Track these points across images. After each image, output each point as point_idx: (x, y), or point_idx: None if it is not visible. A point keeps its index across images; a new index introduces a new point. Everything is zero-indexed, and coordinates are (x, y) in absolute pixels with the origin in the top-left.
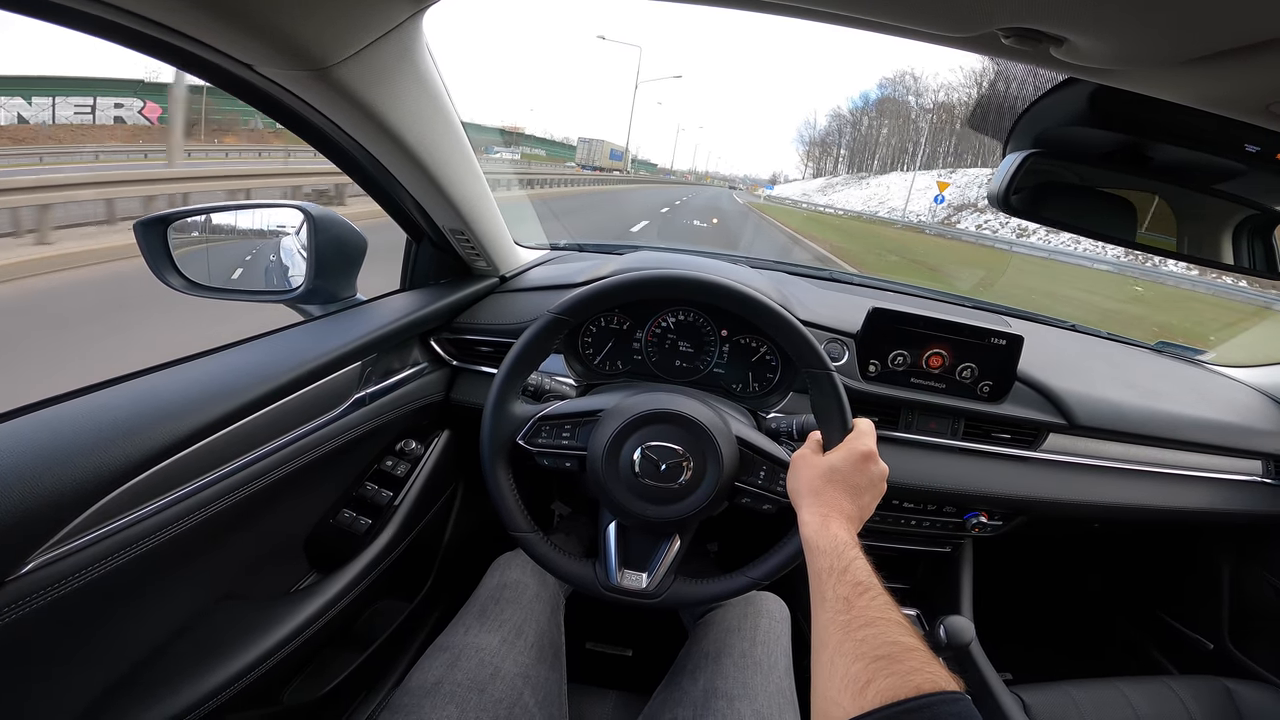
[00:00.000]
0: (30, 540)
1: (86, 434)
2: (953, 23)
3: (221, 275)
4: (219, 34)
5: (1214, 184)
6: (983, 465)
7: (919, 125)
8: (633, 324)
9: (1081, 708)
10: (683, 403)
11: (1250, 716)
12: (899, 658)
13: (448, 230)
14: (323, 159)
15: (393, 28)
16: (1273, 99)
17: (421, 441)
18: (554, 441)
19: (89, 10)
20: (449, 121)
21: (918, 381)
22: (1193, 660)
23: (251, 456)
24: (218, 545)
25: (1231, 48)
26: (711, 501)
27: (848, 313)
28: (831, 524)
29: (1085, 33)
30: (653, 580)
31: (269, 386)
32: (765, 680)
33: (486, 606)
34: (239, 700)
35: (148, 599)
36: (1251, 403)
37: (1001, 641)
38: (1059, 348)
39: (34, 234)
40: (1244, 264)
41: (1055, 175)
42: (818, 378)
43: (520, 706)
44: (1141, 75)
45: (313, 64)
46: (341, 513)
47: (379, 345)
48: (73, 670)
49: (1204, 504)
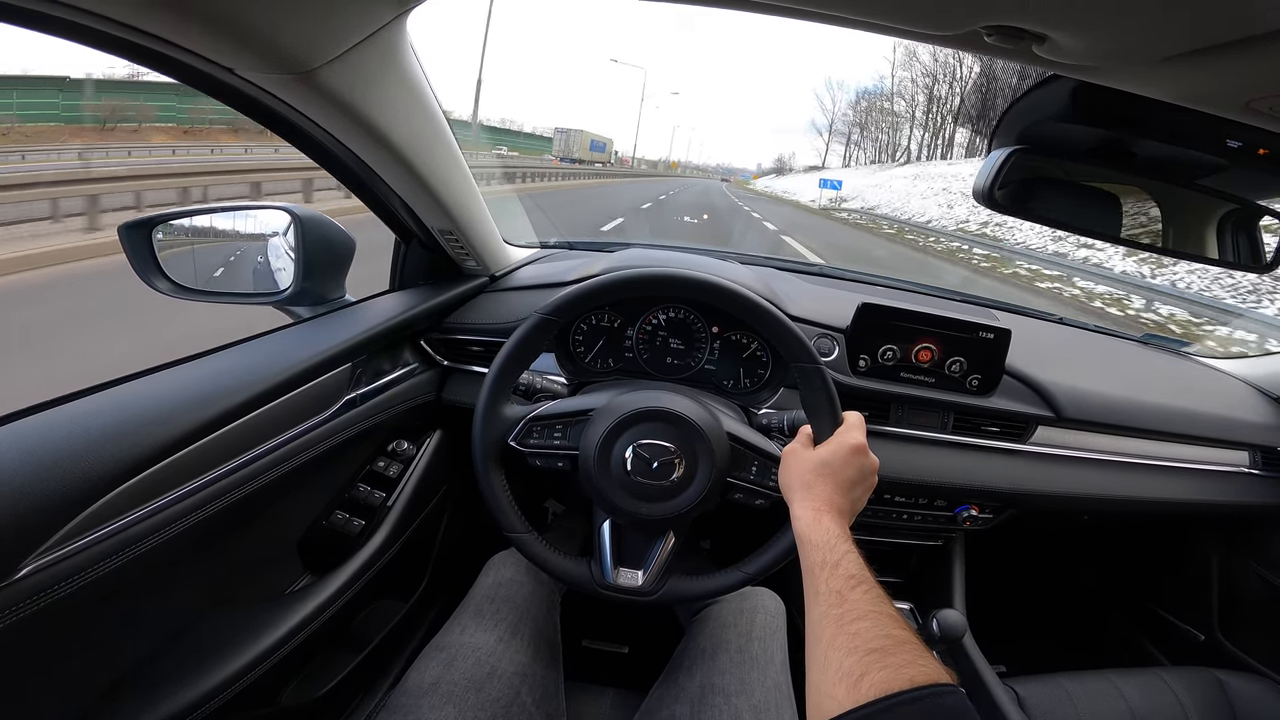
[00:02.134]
0: (23, 546)
1: (76, 439)
2: (936, 21)
3: (208, 278)
4: (199, 39)
5: (1197, 179)
6: (973, 458)
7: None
8: (623, 322)
9: (1075, 700)
10: (673, 400)
11: (1241, 707)
12: (892, 651)
13: (436, 231)
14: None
15: (376, 30)
16: (1253, 95)
17: (413, 442)
18: (545, 442)
19: (66, 16)
20: (435, 123)
21: (907, 376)
22: (1184, 651)
23: (242, 460)
24: (211, 548)
25: (1210, 45)
26: (704, 498)
27: (837, 308)
28: (823, 518)
29: (1066, 30)
30: (648, 578)
31: (258, 389)
32: (762, 676)
33: (482, 605)
34: (236, 703)
35: (142, 603)
36: (1237, 394)
37: (994, 635)
38: (1046, 341)
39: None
40: (1228, 258)
41: (1040, 171)
42: (807, 372)
43: (518, 705)
44: (1123, 72)
45: (295, 67)
46: (334, 514)
47: (369, 346)
48: (69, 675)
49: (1191, 495)
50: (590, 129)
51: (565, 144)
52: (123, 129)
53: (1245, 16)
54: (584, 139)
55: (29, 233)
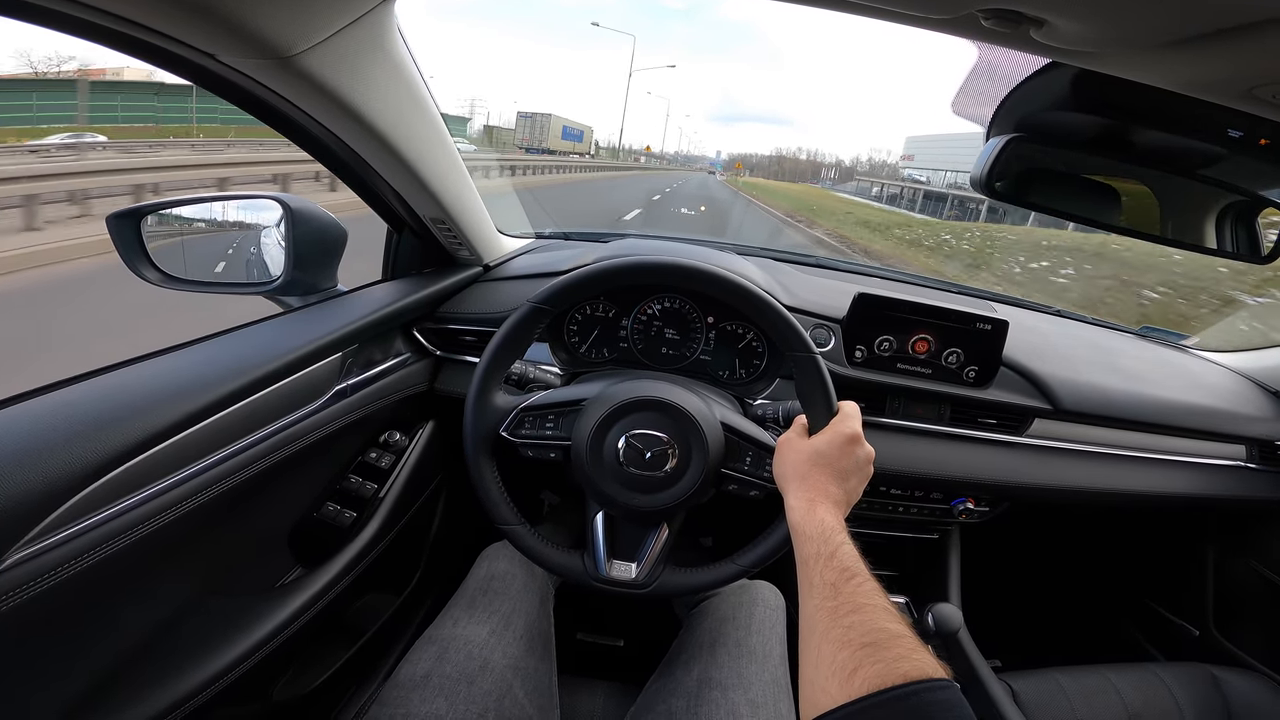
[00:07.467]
0: (5, 537)
1: (59, 430)
2: (933, 4)
3: (197, 268)
4: (177, 23)
5: (1197, 169)
6: (969, 451)
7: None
8: (618, 311)
9: (1070, 695)
10: (666, 390)
11: (1235, 703)
12: (886, 645)
13: (428, 219)
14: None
15: (363, 14)
16: (1255, 83)
17: (406, 433)
18: (537, 432)
19: (45, 4)
20: (425, 109)
21: (904, 367)
22: (1179, 647)
23: (230, 450)
24: (199, 540)
25: (1212, 30)
26: (698, 489)
27: (833, 298)
28: (818, 509)
29: (1064, 14)
30: (642, 570)
31: (247, 379)
32: (760, 669)
33: (475, 598)
34: (226, 696)
35: (128, 595)
36: (1235, 387)
37: (989, 629)
38: (1043, 332)
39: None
40: (1227, 248)
41: (1038, 160)
42: (801, 361)
43: (510, 698)
44: (1122, 58)
45: (278, 52)
46: (325, 506)
47: (360, 336)
48: (53, 669)
49: (1188, 489)
50: (560, 114)
51: (532, 130)
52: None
53: (1248, 1)
54: (554, 125)
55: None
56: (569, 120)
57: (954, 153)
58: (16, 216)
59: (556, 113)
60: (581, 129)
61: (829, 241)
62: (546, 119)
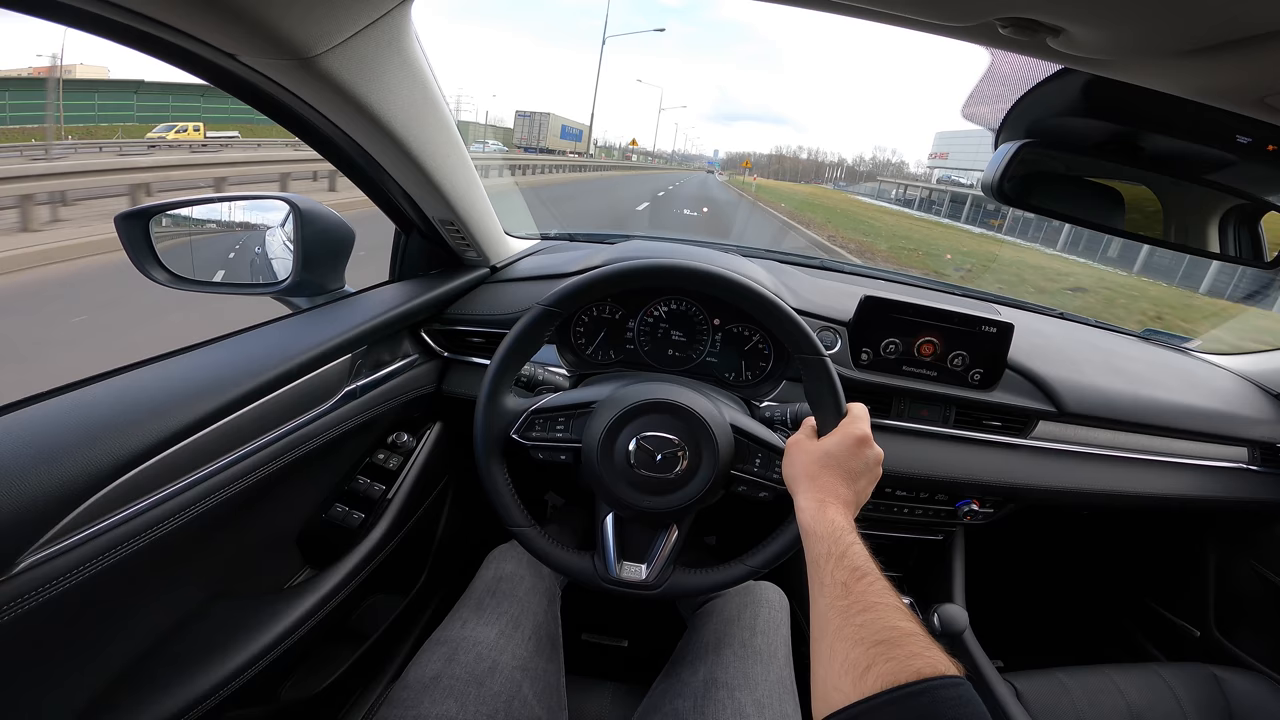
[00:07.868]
0: (20, 540)
1: (73, 432)
2: (951, 12)
3: (206, 268)
4: (200, 23)
5: (1204, 174)
6: (974, 453)
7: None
8: (625, 314)
9: (1073, 695)
10: (677, 392)
11: (1237, 704)
12: (898, 642)
13: (437, 221)
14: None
15: (380, 16)
16: (1268, 91)
17: (413, 434)
18: (548, 435)
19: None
20: (438, 112)
21: (909, 369)
22: (1181, 647)
23: (241, 452)
24: (209, 542)
25: (1230, 39)
26: (708, 491)
27: (840, 301)
28: (828, 509)
29: (1083, 23)
30: (652, 571)
31: (257, 381)
32: (765, 670)
33: (483, 599)
34: (236, 698)
35: (141, 598)
36: (1237, 390)
37: (994, 629)
38: (1047, 335)
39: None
40: (1230, 252)
41: (1047, 165)
42: (810, 363)
43: (519, 699)
44: (1138, 66)
45: (298, 53)
46: (334, 507)
47: (369, 337)
48: (68, 671)
49: (1190, 490)
50: (559, 112)
51: (530, 129)
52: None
53: (1268, 10)
54: (553, 124)
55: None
56: (568, 120)
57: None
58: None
59: (555, 112)
60: (580, 128)
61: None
62: (545, 118)
